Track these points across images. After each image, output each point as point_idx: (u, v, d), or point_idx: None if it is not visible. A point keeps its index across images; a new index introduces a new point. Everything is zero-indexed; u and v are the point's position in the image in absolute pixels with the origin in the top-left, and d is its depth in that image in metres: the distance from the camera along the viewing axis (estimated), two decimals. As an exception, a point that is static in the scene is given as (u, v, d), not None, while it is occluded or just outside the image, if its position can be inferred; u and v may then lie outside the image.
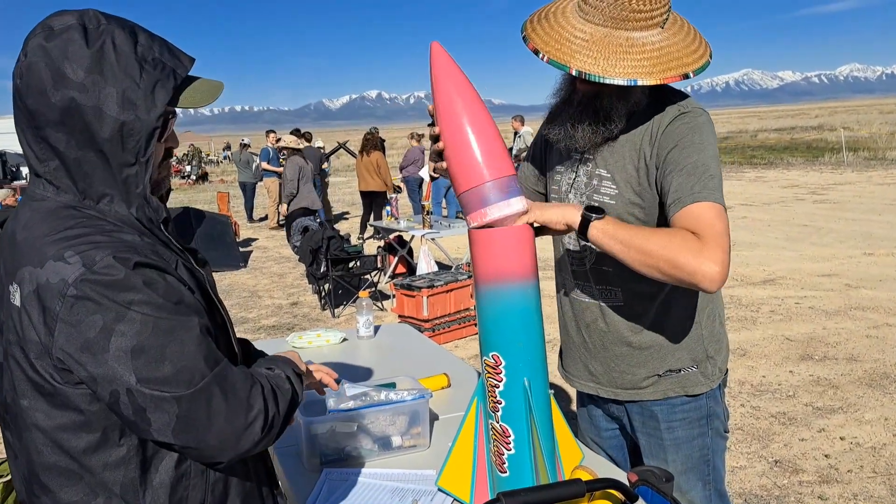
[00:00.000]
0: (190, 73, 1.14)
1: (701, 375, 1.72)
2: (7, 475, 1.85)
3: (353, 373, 2.35)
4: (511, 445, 1.43)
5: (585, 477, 1.29)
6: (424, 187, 11.77)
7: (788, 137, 33.80)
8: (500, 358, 1.40)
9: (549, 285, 2.48)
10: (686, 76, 1.49)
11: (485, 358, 1.44)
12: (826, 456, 3.62)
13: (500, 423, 1.43)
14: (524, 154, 2.41)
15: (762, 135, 38.93)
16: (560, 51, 1.50)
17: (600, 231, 1.45)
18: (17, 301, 1.02)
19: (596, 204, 1.65)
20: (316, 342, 2.71)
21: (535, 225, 1.47)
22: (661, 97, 1.62)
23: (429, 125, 1.46)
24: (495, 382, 1.42)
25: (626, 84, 1.47)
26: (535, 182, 1.94)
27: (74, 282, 0.97)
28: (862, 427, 3.93)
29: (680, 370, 1.71)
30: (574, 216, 1.47)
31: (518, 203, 1.39)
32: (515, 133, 12.26)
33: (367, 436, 1.77)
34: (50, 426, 1.04)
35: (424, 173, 11.64)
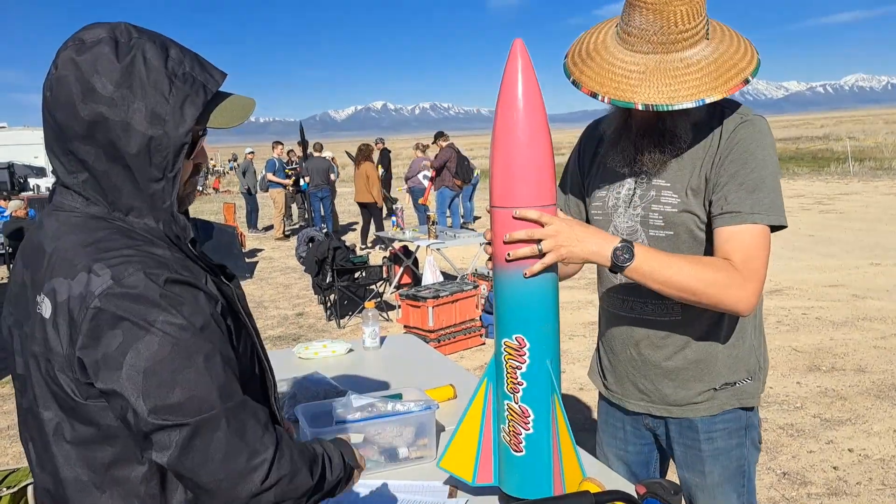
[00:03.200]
0: (222, 89, 1.12)
1: (753, 387, 1.69)
2: (14, 485, 1.85)
3: (360, 384, 2.35)
4: (530, 425, 1.44)
5: (593, 489, 1.29)
6: (425, 191, 11.83)
7: (794, 147, 33.75)
8: (525, 340, 1.41)
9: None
10: (747, 81, 1.48)
11: (505, 340, 1.44)
12: (834, 468, 3.59)
13: (520, 403, 1.44)
14: None
15: (767, 145, 38.84)
16: (619, 89, 1.46)
17: (636, 273, 1.46)
18: (46, 313, 1.00)
19: (655, 216, 1.60)
20: (322, 353, 2.71)
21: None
22: (717, 106, 1.59)
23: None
24: (517, 364, 1.43)
25: (694, 105, 1.44)
26: (576, 212, 1.84)
27: (100, 294, 0.95)
28: (870, 439, 3.90)
29: (735, 383, 1.68)
30: (603, 257, 1.44)
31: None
32: None
33: (373, 447, 1.77)
34: (75, 438, 1.03)
35: (423, 179, 11.72)
